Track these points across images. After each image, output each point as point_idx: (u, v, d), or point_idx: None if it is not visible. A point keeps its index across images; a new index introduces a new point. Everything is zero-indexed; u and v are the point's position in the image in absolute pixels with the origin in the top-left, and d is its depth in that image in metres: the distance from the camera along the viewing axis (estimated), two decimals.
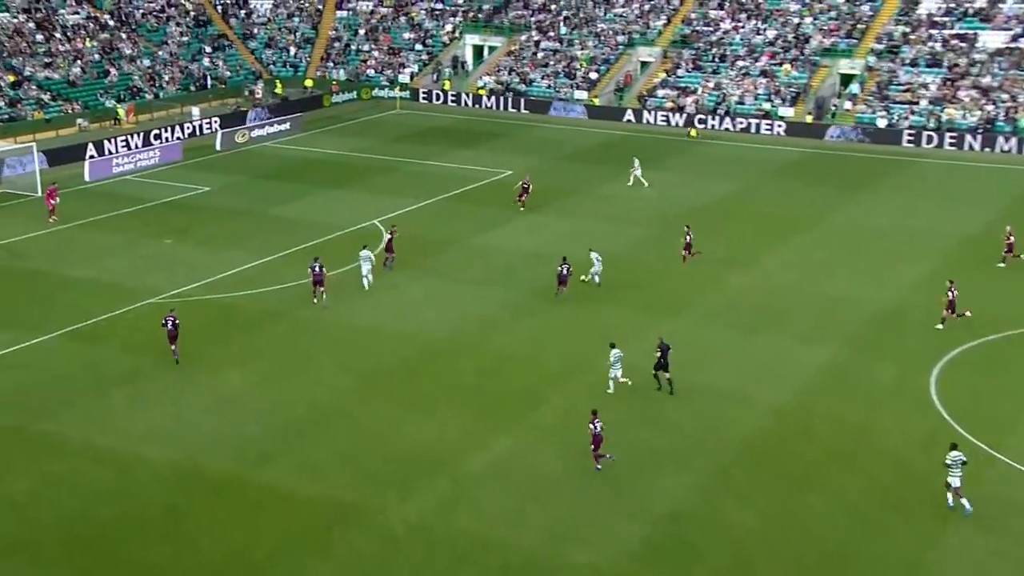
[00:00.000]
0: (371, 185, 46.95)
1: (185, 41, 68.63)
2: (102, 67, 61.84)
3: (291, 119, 58.57)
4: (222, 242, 38.27)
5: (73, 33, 63.29)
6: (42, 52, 60.05)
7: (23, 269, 34.81)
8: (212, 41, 70.08)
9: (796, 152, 55.07)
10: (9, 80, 56.56)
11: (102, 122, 57.49)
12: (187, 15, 71.26)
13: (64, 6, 65.26)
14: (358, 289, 33.58)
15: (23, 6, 62.84)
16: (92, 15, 66.05)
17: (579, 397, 26.63)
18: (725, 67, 64.16)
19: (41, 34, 61.48)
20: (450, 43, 71.71)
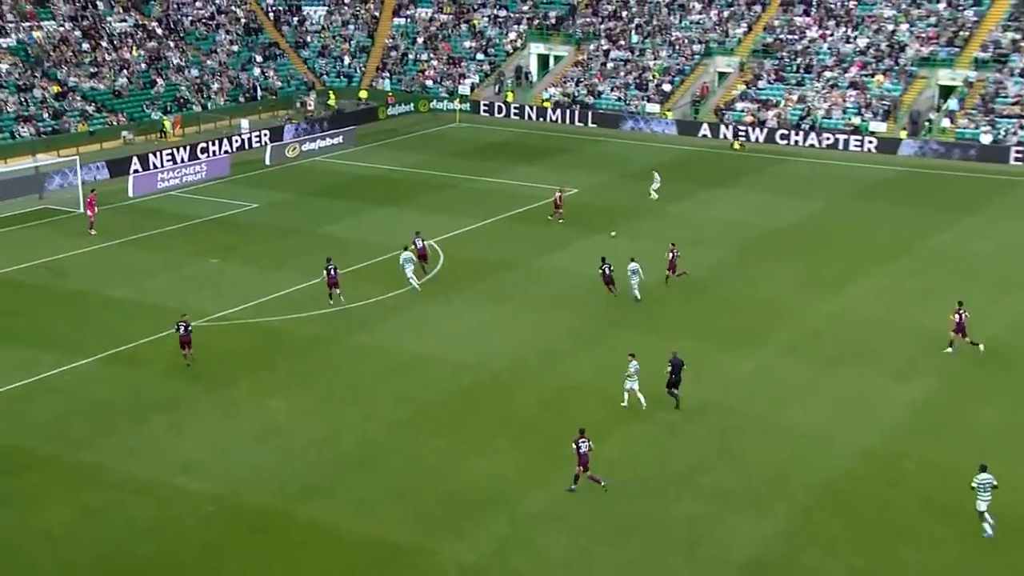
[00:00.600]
0: (427, 203, 47.38)
1: (235, 50, 70.30)
2: (149, 77, 63.62)
3: (344, 132, 59.50)
4: (270, 262, 38.89)
5: (120, 42, 65.28)
6: (88, 62, 62.01)
7: (63, 289, 35.79)
8: (263, 50, 71.67)
9: (888, 171, 54.20)
10: (53, 91, 58.48)
11: (147, 135, 59.05)
12: (237, 22, 73.03)
13: (112, 14, 67.38)
14: (412, 314, 33.81)
15: (69, 14, 65.04)
16: (140, 23, 68.07)
17: (648, 433, 26.40)
18: (811, 78, 63.56)
19: (87, 43, 63.54)
20: (514, 52, 72.27)
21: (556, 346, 31.64)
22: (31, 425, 26.30)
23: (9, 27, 61.31)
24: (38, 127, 55.13)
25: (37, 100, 56.99)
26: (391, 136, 61.80)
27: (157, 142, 58.09)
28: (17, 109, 55.64)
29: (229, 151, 55.94)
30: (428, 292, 36.12)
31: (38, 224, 43.15)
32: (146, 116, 60.60)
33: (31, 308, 34.12)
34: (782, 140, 60.44)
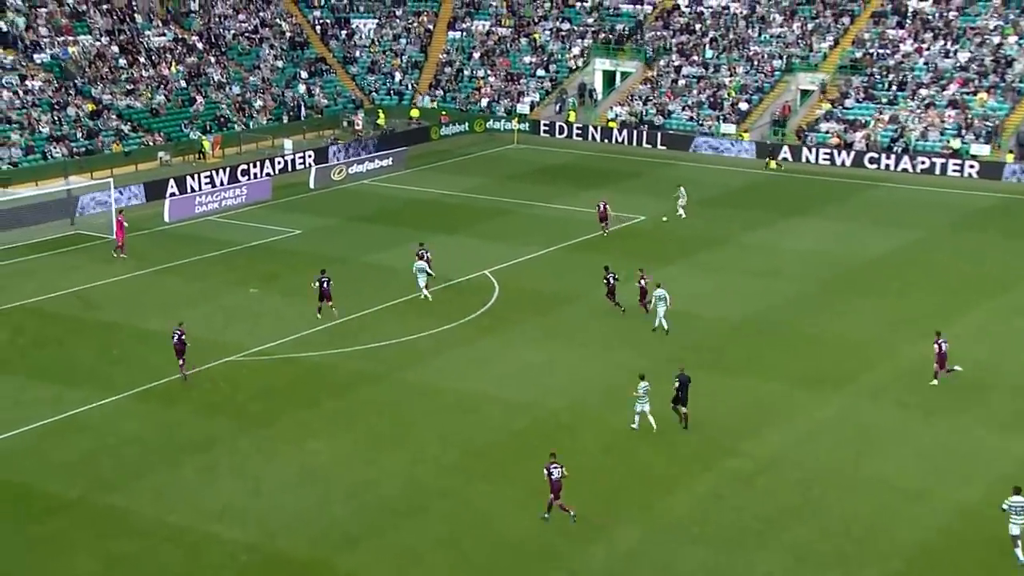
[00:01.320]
0: (482, 230, 47.72)
1: (279, 66, 71.75)
2: (188, 94, 65.17)
3: (394, 154, 60.27)
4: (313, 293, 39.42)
5: (158, 57, 67.02)
6: (124, 78, 63.73)
7: (95, 320, 36.62)
8: (309, 65, 73.03)
9: (991, 198, 53.40)
10: (88, 109, 60.17)
11: (185, 156, 60.40)
12: (282, 37, 74.56)
13: (150, 27, 69.26)
14: (465, 350, 34.00)
15: (106, 28, 66.99)
16: (179, 37, 69.85)
17: (720, 483, 26.19)
18: (904, 96, 62.99)
19: (124, 58, 65.34)
20: (577, 68, 72.76)
21: (619, 386, 31.50)
22: (57, 465, 26.88)
23: (44, 42, 63.31)
24: (71, 147, 56.68)
25: (71, 119, 58.66)
26: (444, 158, 62.43)
27: (195, 163, 59.36)
28: (50, 128, 57.30)
29: (271, 173, 56.96)
30: (482, 326, 36.32)
31: (69, 250, 44.28)
32: (184, 136, 62.03)
33: (59, 340, 34.97)
34: (871, 164, 59.89)
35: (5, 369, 32.32)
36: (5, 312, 37.12)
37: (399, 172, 58.96)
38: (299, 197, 53.54)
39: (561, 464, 24.36)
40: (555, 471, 24.17)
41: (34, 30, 63.85)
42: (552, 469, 24.21)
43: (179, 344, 31.22)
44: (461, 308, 37.61)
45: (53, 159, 55.37)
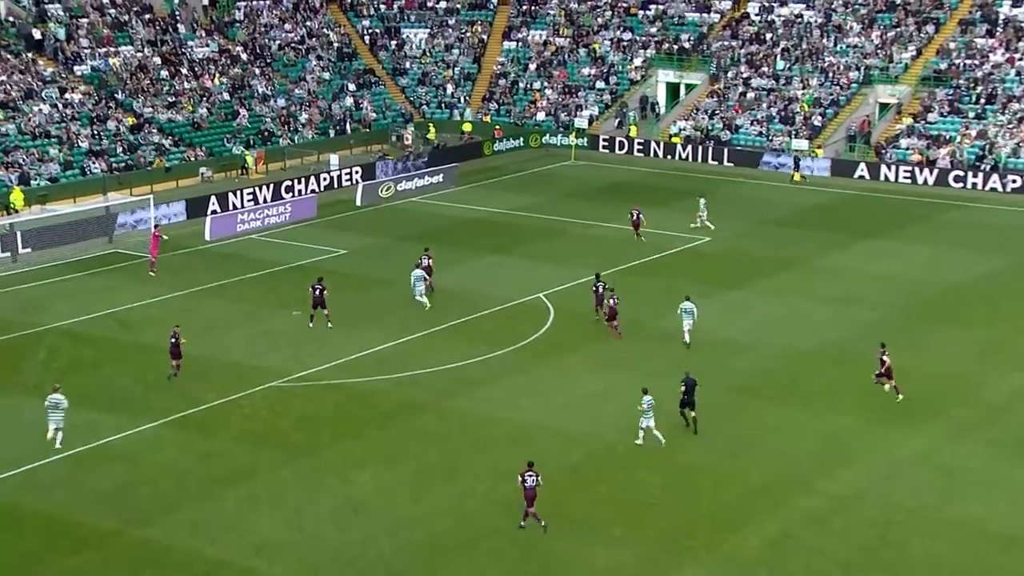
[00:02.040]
0: (537, 251, 47.73)
1: (326, 78, 72.56)
2: (231, 107, 66.09)
3: (445, 170, 60.57)
4: (358, 316, 39.64)
5: (201, 69, 68.09)
6: (166, 91, 64.83)
7: (132, 343, 37.11)
8: (357, 77, 73.77)
9: None
10: (128, 123, 61.24)
11: (228, 172, 61.20)
12: (330, 47, 75.42)
13: (193, 38, 70.42)
14: (518, 378, 33.95)
15: (148, 38, 68.22)
16: (223, 48, 70.94)
17: (792, 522, 25.83)
18: (994, 110, 62.09)
19: (166, 70, 66.47)
20: (639, 80, 72.72)
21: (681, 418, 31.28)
22: (91, 495, 27.19)
23: (84, 53, 64.61)
24: (110, 162, 57.67)
25: (110, 133, 59.72)
26: (497, 175, 62.61)
27: (238, 180, 60.12)
28: (90, 143, 58.38)
29: (316, 190, 57.49)
30: (536, 352, 36.26)
31: (107, 270, 44.97)
32: (227, 150, 62.87)
33: (95, 364, 35.47)
34: (956, 183, 59.06)
35: (41, 393, 32.76)
36: (41, 333, 37.75)
37: (450, 189, 59.20)
38: (345, 215, 53.97)
39: (537, 473, 25.41)
40: (529, 479, 25.34)
41: (75, 41, 65.18)
42: (527, 477, 25.36)
43: (173, 346, 33.39)
44: (513, 333, 37.57)
45: (92, 175, 56.37)
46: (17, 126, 57.14)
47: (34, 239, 46.52)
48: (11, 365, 35.06)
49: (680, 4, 75.90)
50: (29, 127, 57.36)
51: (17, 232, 46.07)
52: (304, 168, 62.07)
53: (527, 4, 78.83)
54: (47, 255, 46.10)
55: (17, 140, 56.40)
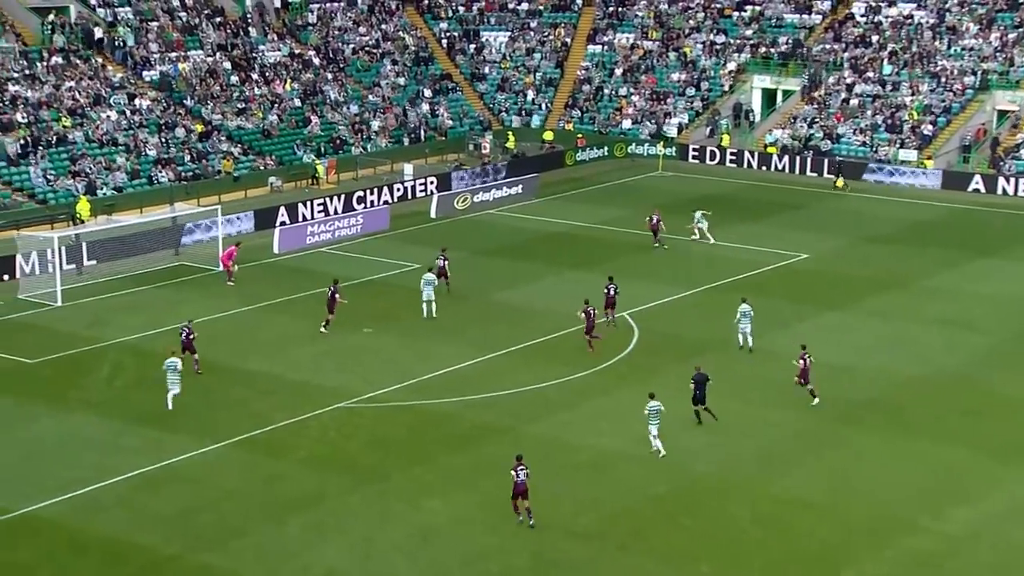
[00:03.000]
0: (621, 267, 47.56)
1: (401, 83, 73.27)
2: (302, 114, 67.05)
3: (524, 181, 60.71)
4: (432, 333, 39.84)
5: (272, 74, 69.21)
6: (235, 97, 65.99)
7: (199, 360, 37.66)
8: (433, 83, 74.36)
9: None
10: (197, 130, 62.44)
11: (298, 181, 62.06)
12: (405, 51, 76.11)
13: (265, 42, 71.63)
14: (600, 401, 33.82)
15: (219, 42, 69.53)
16: (295, 52, 72.03)
17: (898, 565, 25.32)
18: None
19: (236, 75, 67.69)
20: (733, 86, 72.23)
21: (776, 448, 30.93)
22: (154, 519, 27.62)
23: (154, 58, 66.06)
24: (178, 171, 58.83)
25: (178, 140, 60.92)
26: (580, 186, 62.59)
27: (308, 190, 60.91)
28: (157, 151, 59.62)
29: (389, 201, 57.99)
30: (620, 374, 36.09)
31: (172, 283, 45.78)
32: (297, 159, 63.76)
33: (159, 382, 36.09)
34: None
35: (104, 411, 33.50)
36: (105, 349, 38.54)
37: (529, 201, 59.30)
38: (419, 228, 54.34)
39: (526, 467, 26.87)
40: (522, 473, 26.81)
41: (144, 46, 66.67)
42: (519, 471, 26.82)
43: (186, 341, 35.73)
44: (596, 354, 37.44)
45: (159, 184, 57.53)
46: (85, 133, 58.59)
47: (100, 251, 47.54)
48: (74, 381, 35.83)
49: (779, 5, 75.26)
50: (97, 135, 58.78)
51: (83, 243, 47.11)
52: (377, 178, 62.68)
53: (614, 6, 78.81)
54: (112, 267, 47.08)
55: (85, 148, 57.82)
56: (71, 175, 55.84)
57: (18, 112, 57.85)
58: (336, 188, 60.36)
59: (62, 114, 58.97)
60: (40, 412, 33.32)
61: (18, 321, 41.25)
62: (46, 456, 30.57)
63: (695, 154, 67.75)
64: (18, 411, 33.40)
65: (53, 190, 54.90)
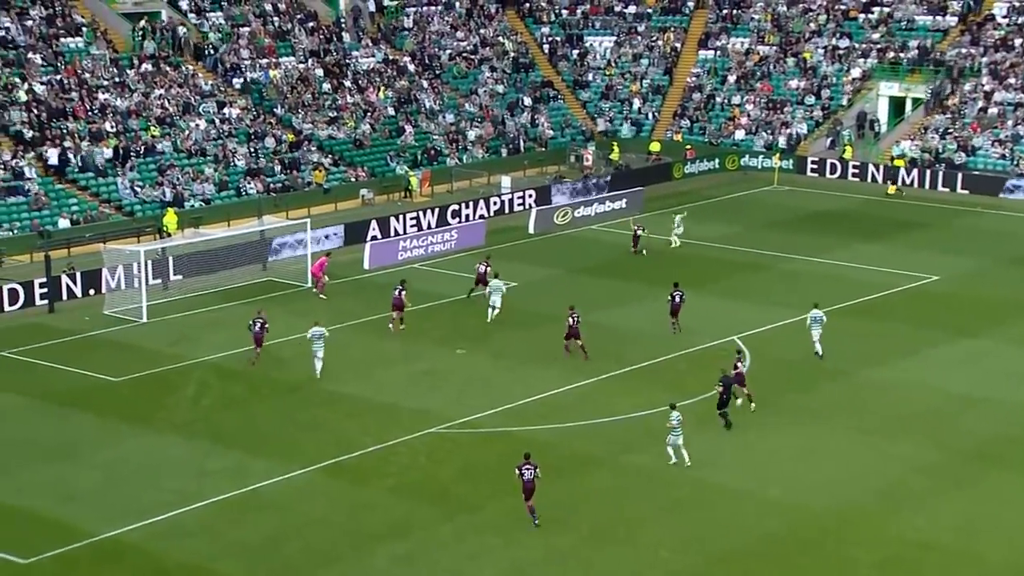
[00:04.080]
0: (731, 288, 47.27)
1: (499, 91, 73.79)
2: (396, 123, 67.92)
3: (629, 195, 60.67)
4: (528, 356, 39.99)
5: (366, 81, 70.25)
6: (327, 105, 67.12)
7: (282, 380, 38.34)
8: (534, 90, 74.75)
9: None
10: (288, 140, 63.62)
11: (390, 194, 62.84)
12: (505, 57, 76.64)
13: (358, 47, 72.75)
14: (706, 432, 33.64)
15: (311, 48, 70.80)
16: (390, 58, 73.00)
17: None
18: None
19: (328, 82, 68.85)
20: (856, 94, 71.36)
21: (900, 484, 30.44)
22: (237, 547, 28.11)
23: (244, 64, 67.55)
24: (267, 183, 60.00)
25: (268, 151, 62.17)
26: (688, 200, 62.31)
27: (401, 203, 61.63)
28: (247, 161, 60.90)
29: (485, 215, 58.38)
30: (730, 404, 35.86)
31: (260, 299, 46.58)
32: (390, 171, 64.57)
33: (245, 402, 36.81)
34: None
35: (189, 432, 34.25)
36: (190, 367, 39.42)
37: (633, 216, 59.22)
38: (516, 243, 54.58)
39: (536, 465, 27.86)
40: (527, 472, 27.80)
41: (235, 52, 68.18)
42: (524, 470, 27.83)
43: (259, 332, 38.41)
44: (704, 381, 37.22)
45: (247, 196, 58.73)
46: (173, 143, 60.09)
47: (186, 265, 48.60)
48: (158, 400, 36.69)
49: (910, 6, 74.13)
50: (185, 144, 60.22)
51: (169, 257, 48.20)
52: (473, 191, 63.16)
53: (728, 8, 78.44)
54: (199, 283, 48.11)
55: (173, 158, 59.28)
56: (158, 186, 57.28)
57: (107, 121, 59.55)
58: (430, 201, 60.97)
59: (151, 123, 60.55)
60: (124, 432, 34.20)
61: (103, 338, 42.41)
62: (129, 478, 31.34)
63: (814, 167, 67.02)
64: (102, 431, 34.32)
65: (140, 202, 56.39)
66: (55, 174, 56.45)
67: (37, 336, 42.13)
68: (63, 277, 46.01)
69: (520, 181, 64.80)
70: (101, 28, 65.51)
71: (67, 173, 56.68)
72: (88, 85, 61.27)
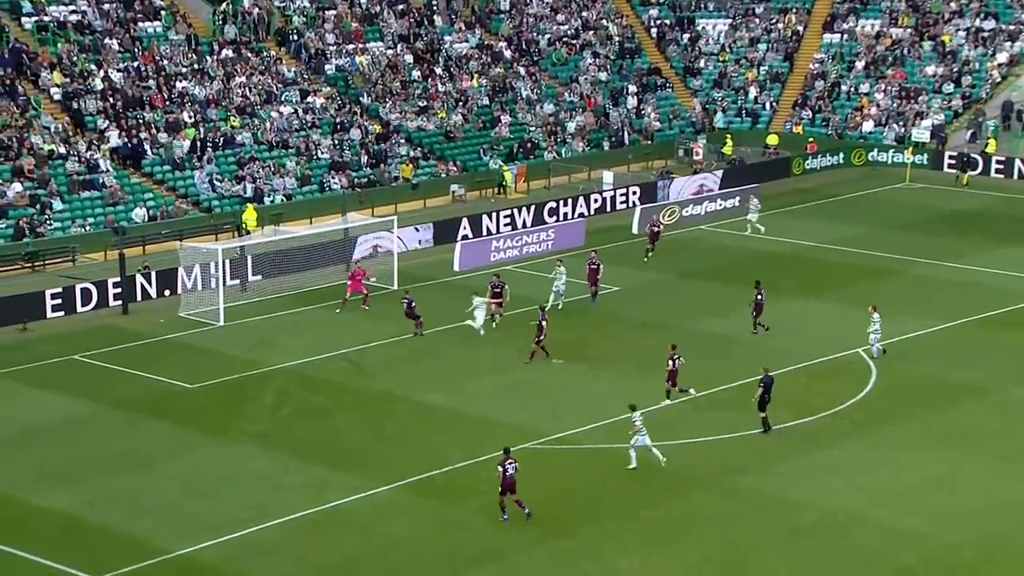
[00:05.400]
0: (857, 295, 46.65)
1: (602, 79, 73.71)
2: (490, 114, 68.19)
3: (742, 192, 60.20)
4: (632, 365, 39.87)
5: (458, 67, 70.65)
6: (417, 94, 67.63)
7: (368, 390, 38.71)
8: (640, 78, 74.54)
9: None
10: (375, 131, 64.22)
11: (482, 190, 63.09)
12: (609, 41, 76.54)
13: (451, 31, 73.18)
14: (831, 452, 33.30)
15: (401, 32, 71.36)
16: (484, 43, 73.33)
17: None
18: None
19: (418, 69, 69.37)
20: (1002, 80, 70.03)
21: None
22: (316, 568, 28.39)
23: (329, 50, 68.34)
24: (351, 177, 60.61)
25: (354, 143, 62.80)
26: (809, 199, 61.73)
27: (494, 200, 61.84)
28: (331, 153, 61.59)
29: (585, 214, 58.35)
30: (854, 422, 35.59)
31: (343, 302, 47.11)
32: (483, 165, 64.84)
33: (327, 413, 37.21)
34: None
35: (267, 444, 34.71)
36: (270, 374, 39.98)
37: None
38: (618, 244, 54.41)
39: (515, 459, 29.57)
40: (510, 468, 29.34)
41: (320, 37, 69.00)
42: (508, 466, 29.35)
43: (409, 311, 42.01)
44: (824, 397, 36.88)
45: (331, 191, 59.39)
46: (253, 135, 60.98)
47: (266, 265, 49.25)
48: (236, 409, 37.26)
49: None
50: (266, 136, 61.08)
51: (248, 257, 48.89)
52: (572, 187, 63.18)
53: None
54: (279, 284, 48.74)
55: (253, 151, 60.18)
56: (238, 181, 58.15)
57: (185, 111, 60.63)
58: (525, 198, 61.10)
59: (231, 113, 61.49)
60: (199, 442, 34.81)
61: (178, 341, 43.19)
62: (204, 492, 31.86)
63: (951, 162, 65.90)
64: (176, 440, 34.95)
65: (219, 197, 57.32)
66: (131, 167, 57.64)
67: (110, 339, 43.04)
68: (138, 277, 46.85)
69: (623, 177, 64.68)
70: (180, 12, 66.74)
71: (143, 166, 57.82)
72: (166, 72, 62.41)
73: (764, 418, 34.30)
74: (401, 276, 48.49)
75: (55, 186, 54.37)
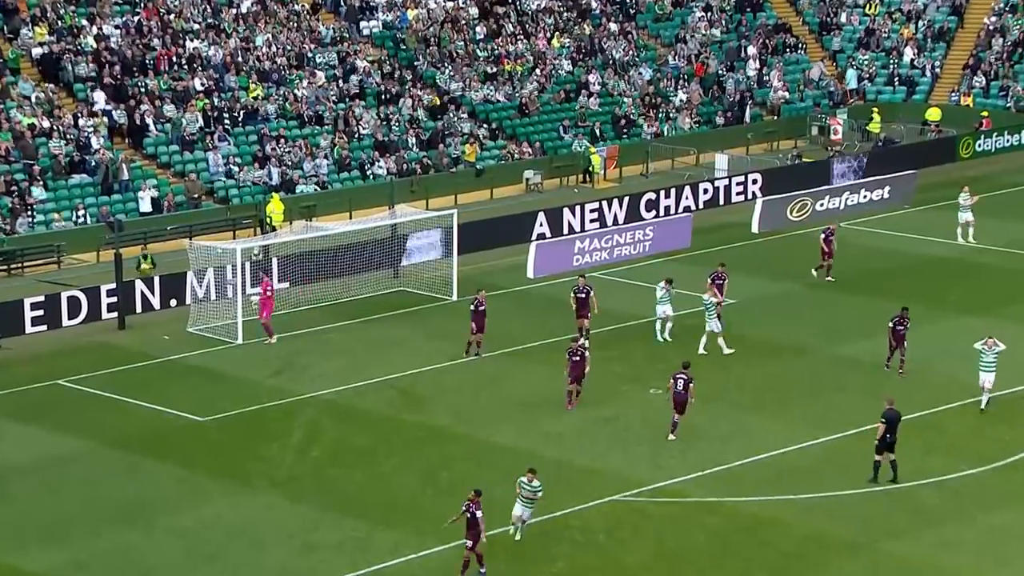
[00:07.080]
0: None
1: (715, 36, 73.45)
2: (574, 81, 68.18)
3: (895, 181, 59.83)
4: (747, 402, 39.77)
5: (533, 23, 70.66)
6: (483, 57, 67.71)
7: (419, 425, 38.77)
8: (762, 37, 74.15)
9: None
10: (431, 103, 64.33)
11: (564, 177, 63.09)
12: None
13: None
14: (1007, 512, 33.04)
15: None
16: None
17: None
18: None
19: (484, 26, 69.42)
20: None
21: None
22: None
23: (376, 3, 68.48)
24: (402, 161, 60.71)
25: (404, 118, 62.91)
26: (981, 190, 61.06)
27: (579, 189, 61.87)
28: (375, 131, 61.69)
29: (692, 208, 58.19)
30: None
31: (389, 316, 47.24)
32: (564, 146, 64.86)
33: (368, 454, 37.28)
34: None
35: (293, 492, 34.86)
36: (299, 404, 40.17)
37: (900, 211, 58.38)
38: (734, 246, 54.25)
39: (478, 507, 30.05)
40: (479, 512, 29.95)
41: None
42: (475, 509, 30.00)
43: (477, 316, 42.27)
44: (993, 442, 36.59)
45: (375, 179, 59.58)
46: (280, 107, 61.24)
47: (295, 269, 49.42)
48: (255, 449, 37.46)
49: None
50: (296, 109, 61.28)
51: (273, 259, 49.04)
52: (676, 175, 63.09)
53: None
54: (310, 293, 48.97)
55: (281, 127, 60.34)
56: (261, 164, 58.40)
57: (196, 77, 60.94)
58: (618, 188, 61.06)
59: (252, 80, 61.74)
60: (211, 490, 35.02)
61: (186, 363, 43.56)
62: (216, 553, 31.96)
63: None
64: (184, 488, 35.16)
65: (237, 184, 57.66)
66: (130, 146, 58.03)
67: (103, 360, 43.50)
68: (137, 283, 47.06)
69: (741, 162, 64.45)
70: None
71: (144, 146, 58.20)
72: (173, 29, 62.73)
73: (877, 462, 34.30)
74: (461, 284, 48.43)
75: (36, 169, 54.67)
